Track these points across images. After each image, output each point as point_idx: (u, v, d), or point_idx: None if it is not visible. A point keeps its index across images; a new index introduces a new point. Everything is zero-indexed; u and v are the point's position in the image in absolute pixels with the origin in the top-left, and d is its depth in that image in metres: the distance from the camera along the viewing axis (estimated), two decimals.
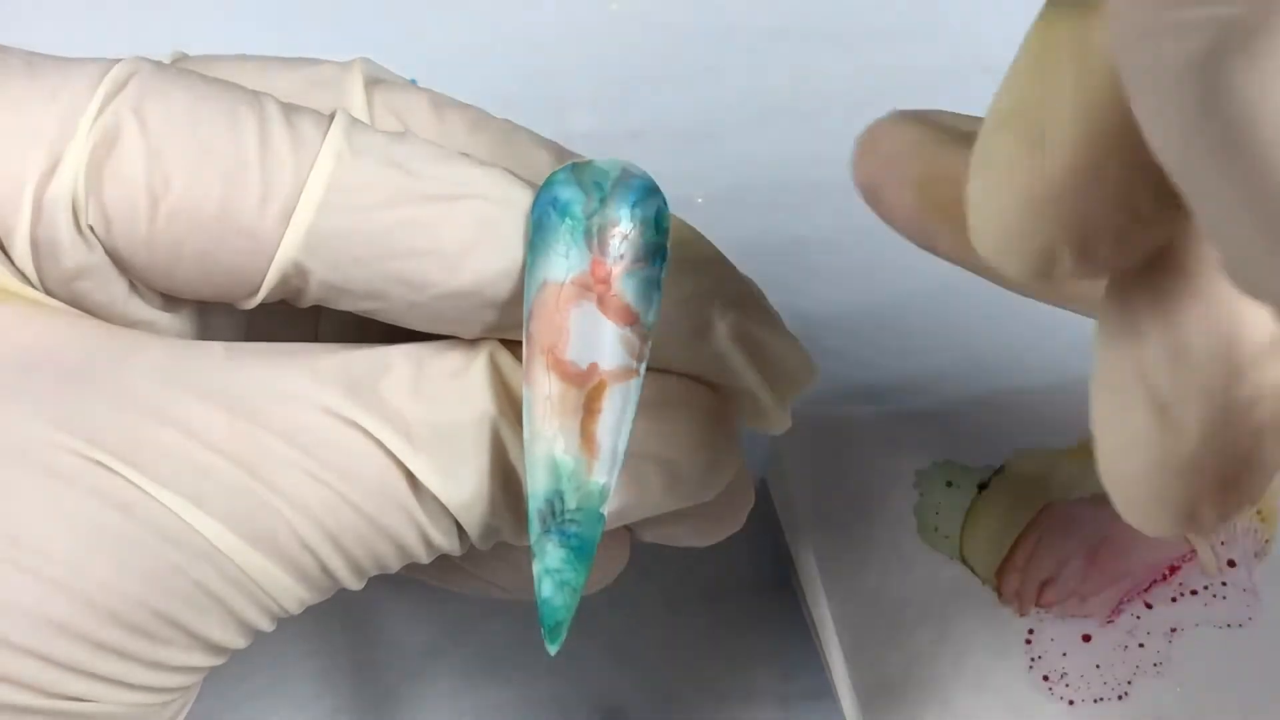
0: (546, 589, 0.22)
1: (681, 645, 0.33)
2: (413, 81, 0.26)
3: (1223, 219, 0.12)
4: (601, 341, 0.22)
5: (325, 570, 0.22)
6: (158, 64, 0.22)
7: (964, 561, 0.31)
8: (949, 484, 0.32)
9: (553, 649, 0.23)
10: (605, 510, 0.22)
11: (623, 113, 0.39)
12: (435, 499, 0.22)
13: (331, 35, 0.40)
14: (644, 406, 0.23)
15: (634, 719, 0.32)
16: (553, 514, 0.22)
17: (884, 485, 0.32)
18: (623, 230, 0.22)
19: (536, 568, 0.22)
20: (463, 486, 0.22)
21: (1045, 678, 0.30)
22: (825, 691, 0.32)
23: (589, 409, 0.22)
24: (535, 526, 0.22)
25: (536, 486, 0.22)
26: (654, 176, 0.23)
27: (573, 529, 0.22)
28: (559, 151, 0.25)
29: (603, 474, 0.22)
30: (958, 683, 0.30)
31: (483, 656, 0.33)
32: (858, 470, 0.32)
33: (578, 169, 0.22)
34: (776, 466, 0.33)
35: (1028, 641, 0.30)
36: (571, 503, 0.22)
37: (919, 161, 0.19)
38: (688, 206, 0.29)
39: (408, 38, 0.40)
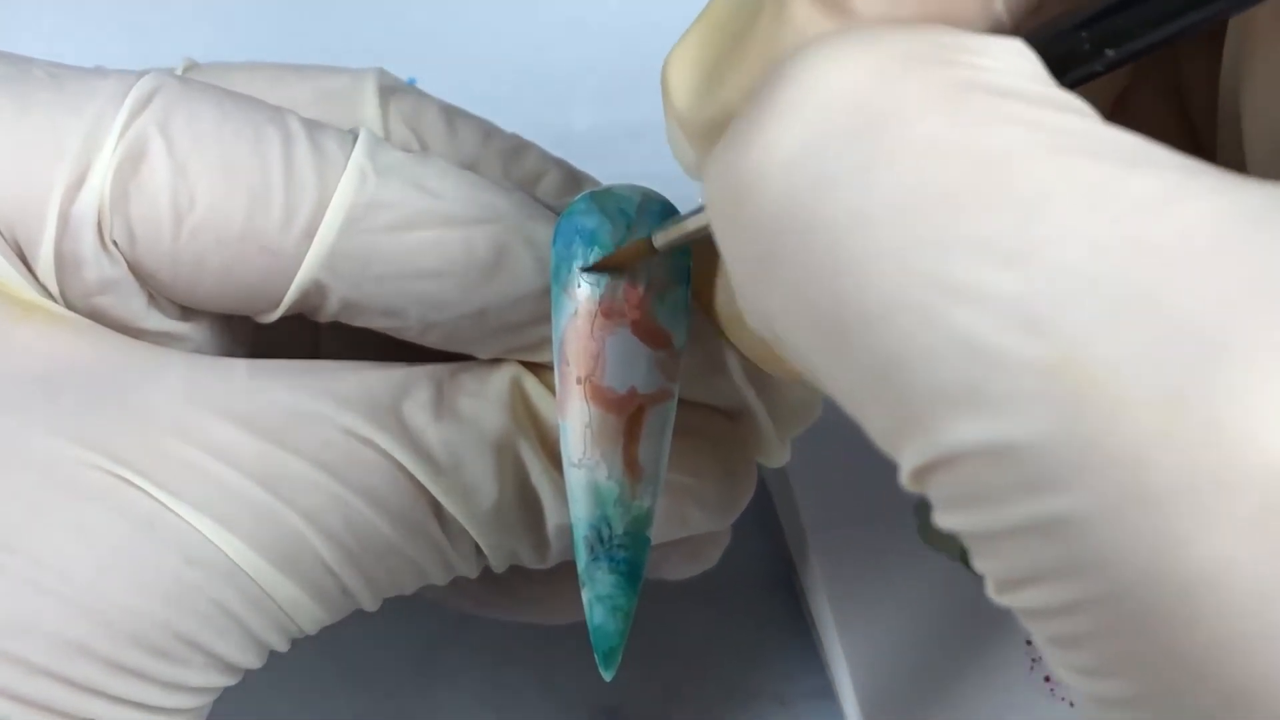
0: (599, 615, 0.22)
1: (681, 645, 0.33)
2: (412, 82, 0.26)
3: (725, 256, 0.16)
4: (638, 366, 0.22)
5: (345, 591, 0.22)
6: (181, 79, 0.22)
7: (965, 562, 0.31)
8: None
9: (608, 675, 0.23)
10: (650, 532, 0.22)
11: (623, 113, 0.39)
12: (455, 521, 0.22)
13: (331, 35, 0.40)
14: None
15: (634, 719, 0.32)
16: (600, 540, 0.22)
17: (884, 485, 0.32)
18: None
19: (587, 595, 0.22)
20: (483, 508, 0.22)
21: (1047, 679, 0.30)
22: (826, 692, 0.32)
23: (630, 434, 0.22)
24: (583, 554, 0.22)
25: (581, 515, 0.22)
26: (654, 176, 0.23)
27: (621, 554, 0.22)
28: (567, 169, 0.25)
29: (647, 497, 0.22)
30: (959, 683, 0.30)
31: (482, 656, 0.33)
32: (858, 470, 0.32)
33: (598, 197, 0.22)
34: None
35: (1029, 642, 0.30)
36: (619, 528, 0.22)
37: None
38: (689, 208, 0.29)
39: (408, 37, 0.40)
